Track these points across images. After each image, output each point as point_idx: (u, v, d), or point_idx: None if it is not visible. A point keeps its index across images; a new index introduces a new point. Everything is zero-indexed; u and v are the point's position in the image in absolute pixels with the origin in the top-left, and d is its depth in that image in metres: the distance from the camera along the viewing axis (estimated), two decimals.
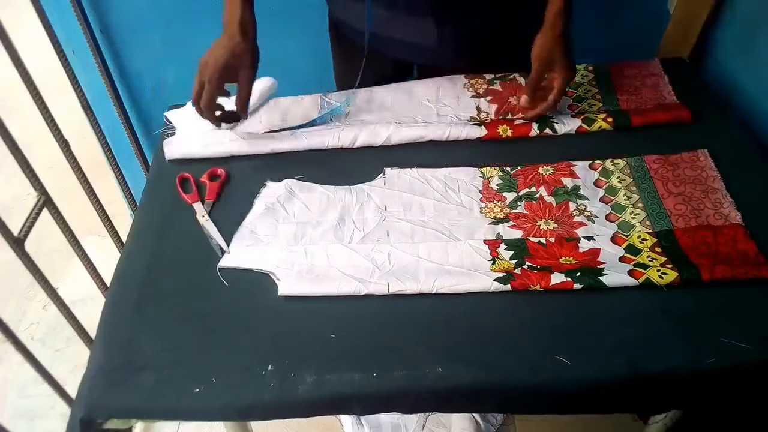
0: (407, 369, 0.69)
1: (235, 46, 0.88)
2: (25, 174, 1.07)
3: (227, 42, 0.88)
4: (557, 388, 0.69)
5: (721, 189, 0.85)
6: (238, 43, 0.88)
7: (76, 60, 1.28)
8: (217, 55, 0.88)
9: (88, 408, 0.69)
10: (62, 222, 1.19)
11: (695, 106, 0.97)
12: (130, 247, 0.87)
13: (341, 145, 0.98)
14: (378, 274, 0.78)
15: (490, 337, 0.72)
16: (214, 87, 0.89)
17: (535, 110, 0.96)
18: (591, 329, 0.72)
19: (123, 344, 0.74)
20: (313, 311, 0.76)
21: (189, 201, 0.91)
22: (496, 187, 0.91)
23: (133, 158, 1.47)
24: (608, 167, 0.92)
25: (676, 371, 0.68)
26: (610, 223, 0.84)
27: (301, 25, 1.26)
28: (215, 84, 0.89)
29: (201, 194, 0.92)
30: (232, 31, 0.88)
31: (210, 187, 0.93)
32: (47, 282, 1.11)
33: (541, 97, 0.96)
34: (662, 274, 0.74)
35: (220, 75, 0.88)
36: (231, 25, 0.88)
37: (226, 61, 0.88)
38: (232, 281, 0.80)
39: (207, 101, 0.90)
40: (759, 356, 0.68)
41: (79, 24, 1.21)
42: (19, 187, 1.86)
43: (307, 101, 1.09)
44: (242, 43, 0.88)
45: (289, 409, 0.70)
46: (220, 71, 0.88)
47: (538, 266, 0.78)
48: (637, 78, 1.07)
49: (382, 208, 0.88)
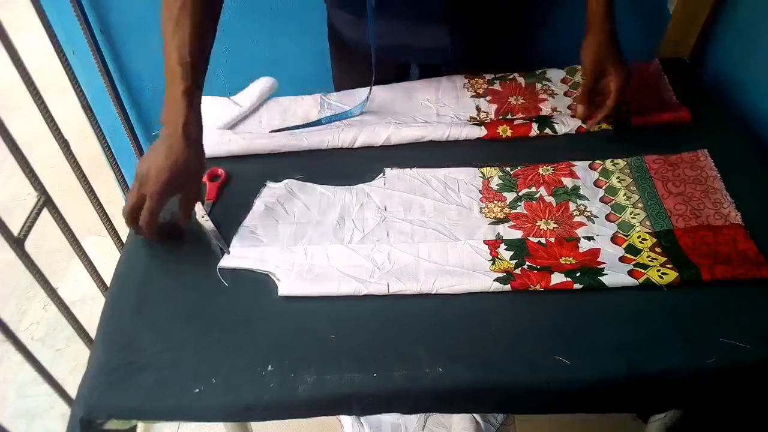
0: (407, 369, 0.69)
1: (179, 156, 0.75)
2: (25, 174, 1.07)
3: (168, 151, 0.75)
4: (557, 388, 0.69)
5: (721, 189, 0.85)
6: (181, 153, 0.76)
7: (76, 60, 1.28)
8: (159, 166, 0.75)
9: (88, 408, 0.69)
10: (62, 222, 1.19)
11: (695, 106, 0.97)
12: (130, 247, 0.87)
13: (341, 146, 0.98)
14: (378, 275, 0.78)
15: (490, 337, 0.72)
16: (155, 203, 0.76)
17: (596, 118, 0.92)
18: (591, 329, 0.72)
19: (123, 344, 0.74)
20: (313, 311, 0.76)
21: None
22: (496, 187, 0.91)
23: (133, 158, 1.47)
24: (608, 167, 0.92)
25: (676, 371, 0.68)
26: (610, 223, 0.84)
27: (301, 25, 1.26)
28: (156, 200, 0.76)
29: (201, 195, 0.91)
30: (174, 134, 0.76)
31: (210, 187, 0.92)
32: (47, 282, 1.11)
33: (598, 102, 0.91)
34: (662, 274, 0.74)
35: (162, 191, 0.76)
36: (173, 125, 0.76)
37: (169, 177, 0.75)
38: (232, 281, 0.80)
39: (147, 218, 0.77)
40: (759, 356, 0.68)
41: (79, 24, 1.21)
42: (19, 187, 1.87)
43: (307, 101, 1.09)
44: (186, 151, 0.76)
45: (289, 409, 0.70)
46: (163, 187, 0.75)
47: (538, 266, 0.78)
48: (637, 78, 1.07)
49: (382, 208, 0.88)
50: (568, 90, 1.07)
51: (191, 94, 0.76)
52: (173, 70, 0.75)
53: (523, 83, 1.08)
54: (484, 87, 1.08)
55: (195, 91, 0.77)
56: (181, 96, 0.75)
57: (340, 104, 1.07)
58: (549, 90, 1.07)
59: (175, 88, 0.75)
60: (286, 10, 1.25)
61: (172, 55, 0.75)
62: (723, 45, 1.13)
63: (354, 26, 0.99)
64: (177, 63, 0.75)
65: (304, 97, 1.09)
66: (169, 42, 0.75)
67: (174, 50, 0.75)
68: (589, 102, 0.92)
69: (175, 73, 0.75)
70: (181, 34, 0.75)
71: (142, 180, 0.76)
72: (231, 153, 0.98)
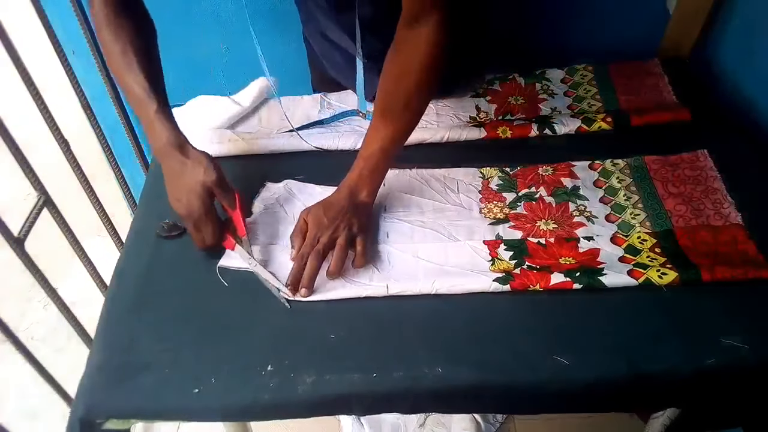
0: (407, 369, 0.69)
1: (192, 169, 0.78)
2: (25, 174, 1.07)
3: (181, 169, 0.79)
4: (557, 388, 0.69)
5: (721, 189, 0.85)
6: (194, 165, 0.79)
7: (76, 60, 1.28)
8: (189, 190, 0.78)
9: (87, 408, 0.69)
10: (62, 222, 1.18)
11: (695, 106, 0.98)
12: (130, 247, 0.87)
13: (341, 147, 0.98)
14: (377, 275, 0.78)
15: (490, 337, 0.72)
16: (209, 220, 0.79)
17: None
18: (591, 329, 0.72)
19: (123, 344, 0.74)
20: (313, 311, 0.76)
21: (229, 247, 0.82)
22: (495, 188, 0.91)
23: (133, 158, 1.47)
24: (608, 167, 0.92)
25: (676, 371, 0.68)
26: (609, 223, 0.84)
27: (301, 24, 1.26)
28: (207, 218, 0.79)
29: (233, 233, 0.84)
30: (168, 152, 0.79)
31: (236, 219, 0.84)
32: (47, 282, 1.11)
33: None
34: (662, 274, 0.74)
35: (205, 209, 0.78)
36: (161, 144, 0.79)
37: (200, 192, 0.78)
38: (232, 281, 0.80)
39: (211, 235, 0.79)
40: (759, 356, 0.68)
41: (79, 24, 1.21)
42: (19, 187, 1.86)
43: (307, 101, 1.09)
44: (189, 156, 0.79)
45: (288, 409, 0.70)
46: (202, 204, 0.78)
47: (537, 266, 0.78)
48: (637, 78, 1.07)
49: (382, 208, 0.88)
50: (568, 90, 1.07)
51: (162, 110, 0.80)
52: (138, 99, 0.80)
53: (522, 83, 1.08)
54: (483, 87, 1.08)
55: (164, 108, 0.81)
56: (154, 116, 0.79)
57: (340, 104, 1.07)
58: (549, 90, 1.07)
59: (146, 113, 0.80)
60: (287, 11, 1.25)
61: (132, 89, 0.80)
62: (723, 45, 1.13)
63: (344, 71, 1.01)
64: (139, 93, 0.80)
65: (304, 97, 1.10)
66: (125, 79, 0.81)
67: (133, 85, 0.80)
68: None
69: (141, 101, 0.80)
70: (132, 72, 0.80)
71: (185, 216, 0.79)
72: (231, 153, 0.98)
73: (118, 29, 0.80)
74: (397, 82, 0.80)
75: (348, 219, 0.80)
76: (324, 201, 0.83)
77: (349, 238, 0.79)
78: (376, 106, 0.82)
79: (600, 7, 1.24)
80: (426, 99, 0.83)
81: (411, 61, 0.78)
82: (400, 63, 0.79)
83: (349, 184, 0.83)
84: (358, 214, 0.81)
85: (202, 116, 1.04)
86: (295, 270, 0.77)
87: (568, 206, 0.87)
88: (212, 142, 0.99)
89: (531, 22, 1.25)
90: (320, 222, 0.80)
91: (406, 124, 0.83)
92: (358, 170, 0.83)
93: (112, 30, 0.80)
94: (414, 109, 0.82)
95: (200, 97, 1.08)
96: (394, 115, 0.82)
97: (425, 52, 0.76)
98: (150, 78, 0.80)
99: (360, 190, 0.83)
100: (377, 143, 0.82)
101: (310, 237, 0.79)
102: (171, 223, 0.87)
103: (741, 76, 1.07)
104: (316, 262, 0.77)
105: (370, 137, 0.83)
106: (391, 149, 0.83)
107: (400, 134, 0.83)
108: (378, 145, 0.82)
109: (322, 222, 0.80)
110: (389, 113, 0.82)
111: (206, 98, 1.08)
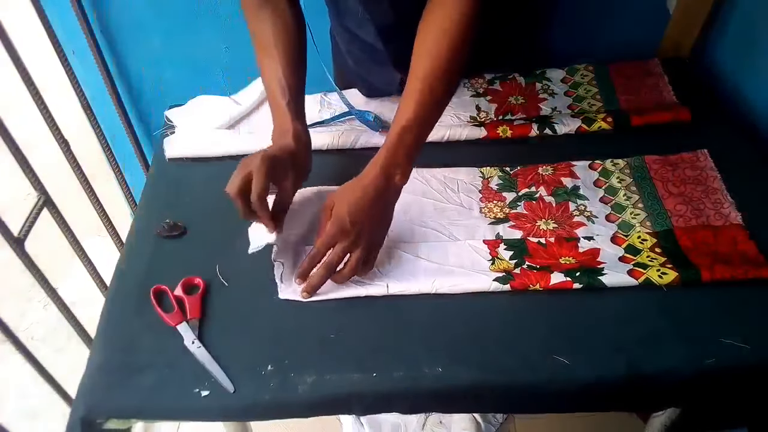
0: (407, 369, 0.69)
1: (286, 145, 0.80)
2: (25, 174, 1.07)
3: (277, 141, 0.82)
4: (557, 388, 0.69)
5: (721, 189, 0.85)
6: (289, 145, 0.81)
7: (76, 60, 1.28)
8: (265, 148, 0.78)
9: (87, 408, 0.69)
10: (62, 222, 1.19)
11: (695, 106, 0.97)
12: (130, 247, 0.87)
13: (341, 147, 0.98)
14: (377, 275, 0.78)
15: (490, 337, 0.72)
16: (263, 175, 0.73)
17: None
18: (591, 329, 0.72)
19: (123, 344, 0.74)
20: (313, 311, 0.76)
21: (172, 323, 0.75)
22: (495, 187, 0.91)
23: (133, 158, 1.47)
24: (608, 167, 0.92)
25: (676, 371, 0.68)
26: (609, 223, 0.84)
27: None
28: (264, 173, 0.73)
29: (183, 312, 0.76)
30: (284, 139, 0.82)
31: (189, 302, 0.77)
32: (47, 282, 1.11)
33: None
34: (662, 274, 0.74)
35: (268, 165, 0.74)
36: (282, 136, 0.82)
37: (275, 152, 0.77)
38: (232, 281, 0.80)
39: (259, 191, 0.73)
40: (759, 356, 0.68)
41: (79, 24, 1.21)
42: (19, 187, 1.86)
43: (307, 100, 1.08)
44: (294, 146, 0.81)
45: (288, 409, 0.70)
46: (269, 161, 0.74)
47: (537, 266, 0.78)
48: (637, 78, 1.07)
49: None
50: (569, 90, 1.07)
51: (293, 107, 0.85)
52: (273, 91, 0.86)
53: (523, 83, 1.08)
54: (484, 87, 1.08)
55: (296, 106, 0.85)
56: (285, 107, 0.84)
57: (340, 104, 1.07)
58: (549, 90, 1.07)
59: (278, 101, 0.85)
60: None
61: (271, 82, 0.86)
62: (723, 45, 1.13)
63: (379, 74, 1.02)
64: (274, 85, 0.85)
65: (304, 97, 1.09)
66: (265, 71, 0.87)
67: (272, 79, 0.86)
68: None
69: (275, 92, 0.85)
70: (273, 63, 0.86)
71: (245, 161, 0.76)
72: (231, 153, 0.98)
73: (259, 23, 0.87)
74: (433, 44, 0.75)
75: (369, 228, 0.75)
76: (351, 193, 0.76)
77: (363, 258, 0.76)
78: (411, 73, 0.77)
79: (600, 7, 1.24)
80: (460, 62, 0.77)
81: (444, 23, 0.75)
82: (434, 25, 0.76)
83: (382, 163, 0.76)
84: (382, 215, 0.78)
85: (202, 116, 1.04)
86: (305, 268, 0.77)
87: (568, 206, 0.87)
88: (212, 141, 0.99)
89: (531, 22, 1.25)
90: (342, 223, 0.74)
91: (441, 92, 0.77)
92: (393, 147, 0.76)
93: (254, 23, 0.88)
94: (452, 71, 0.76)
95: (200, 97, 1.08)
96: (431, 81, 0.75)
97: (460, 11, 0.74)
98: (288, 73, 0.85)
99: (394, 170, 0.76)
100: (411, 112, 0.75)
101: (328, 235, 0.75)
102: (171, 223, 0.87)
103: (741, 76, 1.07)
104: (325, 273, 0.76)
105: (405, 106, 0.76)
106: (428, 118, 0.77)
107: (435, 103, 0.77)
108: (413, 113, 0.75)
109: (344, 224, 0.74)
110: (426, 80, 0.75)
111: (206, 98, 1.08)
